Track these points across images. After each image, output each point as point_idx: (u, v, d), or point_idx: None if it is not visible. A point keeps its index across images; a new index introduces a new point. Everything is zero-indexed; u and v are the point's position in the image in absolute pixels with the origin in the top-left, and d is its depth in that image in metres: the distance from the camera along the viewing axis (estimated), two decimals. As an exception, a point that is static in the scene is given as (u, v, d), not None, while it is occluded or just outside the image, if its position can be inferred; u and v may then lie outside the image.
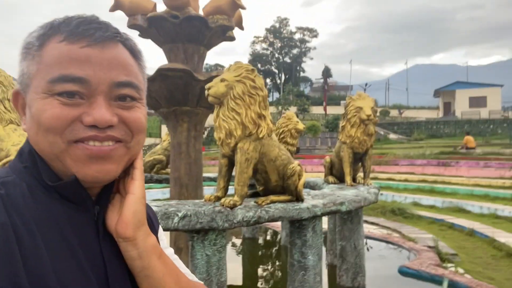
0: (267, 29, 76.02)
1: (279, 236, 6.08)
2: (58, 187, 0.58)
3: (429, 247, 5.19)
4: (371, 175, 13.50)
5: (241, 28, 4.64)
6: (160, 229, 0.77)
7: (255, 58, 74.30)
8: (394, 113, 52.44)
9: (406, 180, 11.45)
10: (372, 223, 7.16)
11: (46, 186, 0.58)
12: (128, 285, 0.63)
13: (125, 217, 0.62)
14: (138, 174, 0.65)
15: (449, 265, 4.75)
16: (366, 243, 5.64)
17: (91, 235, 0.60)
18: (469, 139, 15.71)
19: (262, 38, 76.19)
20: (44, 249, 0.52)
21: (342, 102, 61.91)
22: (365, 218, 7.52)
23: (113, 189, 0.66)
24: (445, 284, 2.92)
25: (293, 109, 49.52)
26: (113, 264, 0.61)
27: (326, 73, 78.08)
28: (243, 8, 3.97)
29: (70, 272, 0.54)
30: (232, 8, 3.94)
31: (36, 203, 0.55)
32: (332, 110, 52.76)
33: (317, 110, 50.54)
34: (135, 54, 0.64)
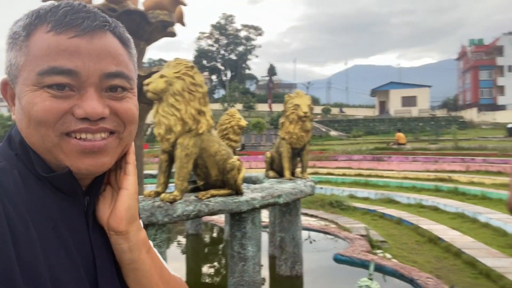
0: (212, 25, 75.38)
1: (223, 232, 6.16)
2: (51, 178, 0.57)
3: (362, 235, 5.58)
4: (312, 169, 13.84)
5: (183, 24, 4.63)
6: (140, 222, 0.79)
7: (200, 54, 73.41)
8: (335, 111, 54.79)
9: (344, 174, 12.09)
10: (312, 216, 7.51)
11: (38, 175, 0.57)
12: (115, 277, 0.62)
13: (118, 212, 0.62)
14: (131, 169, 0.65)
15: (378, 251, 5.15)
16: (309, 236, 5.93)
17: (81, 226, 0.60)
18: (400, 136, 16.97)
19: (207, 34, 75.40)
20: (37, 240, 0.51)
21: (286, 99, 63.45)
22: (305, 211, 7.86)
23: (104, 180, 0.65)
24: (371, 267, 3.20)
25: (238, 106, 49.77)
26: (102, 255, 0.61)
27: (271, 71, 79.29)
28: (184, 4, 3.98)
29: (61, 262, 0.54)
30: (173, 3, 3.93)
31: (28, 191, 0.54)
32: (277, 108, 53.76)
33: (262, 107, 51.22)
34: (125, 42, 0.63)
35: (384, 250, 5.24)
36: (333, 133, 36.97)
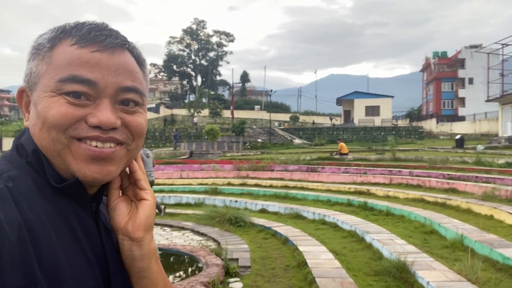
0: (183, 30, 74.45)
1: None
2: (62, 188, 0.59)
3: (223, 259, 5.02)
4: (241, 180, 13.24)
5: None
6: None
7: (170, 58, 72.24)
8: (303, 118, 54.92)
9: (271, 186, 11.61)
10: (202, 234, 6.92)
11: (49, 182, 0.59)
12: (126, 277, 0.65)
13: (139, 219, 0.65)
14: (146, 184, 0.68)
15: (233, 279, 4.61)
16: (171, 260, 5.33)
17: (93, 229, 0.62)
18: (343, 146, 16.70)
19: (178, 39, 74.35)
20: (59, 245, 0.53)
21: (256, 106, 63.18)
22: (198, 228, 7.29)
23: (109, 189, 0.68)
24: None
25: (205, 112, 49.05)
26: (113, 258, 0.64)
27: (243, 78, 79.01)
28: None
29: (80, 264, 0.56)
30: None
31: (43, 197, 0.56)
32: (245, 114, 53.42)
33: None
34: (140, 62, 0.66)
35: (241, 277, 4.70)
36: (297, 141, 36.83)
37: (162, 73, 76.03)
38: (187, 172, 14.04)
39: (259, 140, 36.11)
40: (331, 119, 49.83)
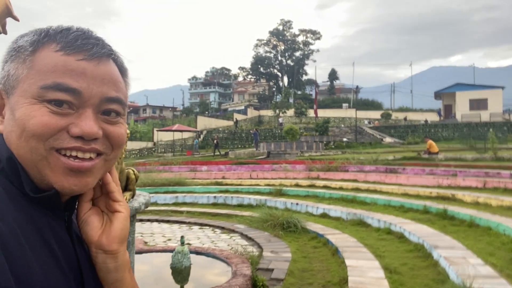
0: (270, 32, 75.34)
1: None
2: (40, 198, 0.57)
3: (258, 269, 4.54)
4: (309, 181, 12.50)
5: (15, 19, 4.17)
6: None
7: (257, 61, 73.70)
8: (396, 115, 51.01)
9: (340, 188, 10.69)
10: (249, 238, 6.53)
11: (23, 191, 0.57)
12: None
13: (114, 232, 0.64)
14: (120, 196, 0.67)
15: (257, 293, 4.11)
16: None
17: (66, 239, 0.61)
18: (432, 144, 14.73)
19: (265, 41, 75.49)
20: (30, 252, 0.52)
21: (344, 105, 60.75)
22: (247, 231, 6.95)
23: (80, 201, 0.66)
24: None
25: (291, 112, 48.79)
26: (86, 267, 0.62)
27: (331, 76, 76.85)
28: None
29: (54, 274, 0.55)
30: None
31: (15, 207, 0.54)
32: (332, 113, 51.69)
33: (319, 112, 48.58)
34: (123, 71, 0.66)
35: (268, 292, 4.17)
36: (388, 139, 34.37)
37: (250, 76, 78.06)
38: (257, 173, 13.81)
39: (344, 139, 34.50)
40: (439, 115, 45.09)
